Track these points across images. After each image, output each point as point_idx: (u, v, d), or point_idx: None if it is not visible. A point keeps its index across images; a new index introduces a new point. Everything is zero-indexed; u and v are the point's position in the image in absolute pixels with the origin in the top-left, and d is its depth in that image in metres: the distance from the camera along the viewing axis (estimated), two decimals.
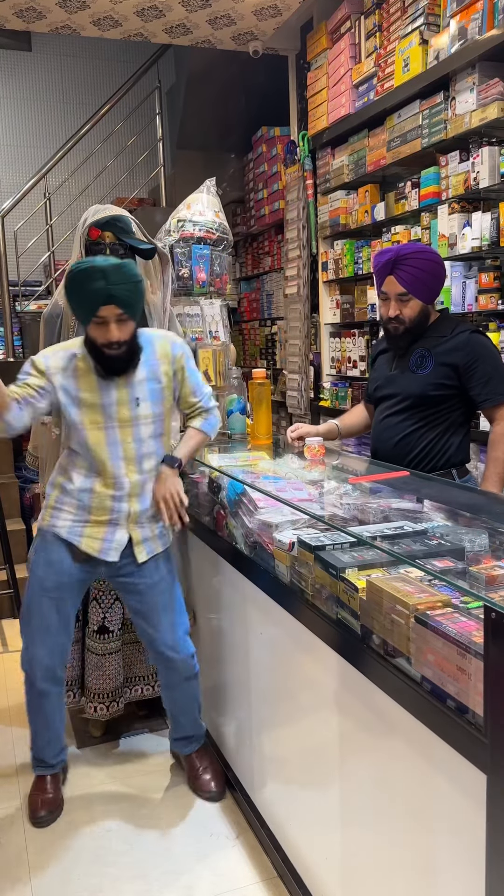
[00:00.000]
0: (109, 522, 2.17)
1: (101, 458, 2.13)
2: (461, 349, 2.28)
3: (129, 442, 2.14)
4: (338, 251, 4.18)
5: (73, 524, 2.18)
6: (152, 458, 2.19)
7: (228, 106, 5.73)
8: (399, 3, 3.35)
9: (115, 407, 2.12)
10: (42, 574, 2.20)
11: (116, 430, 2.13)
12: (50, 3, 3.96)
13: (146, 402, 2.16)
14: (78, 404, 2.12)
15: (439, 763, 1.26)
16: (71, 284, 2.03)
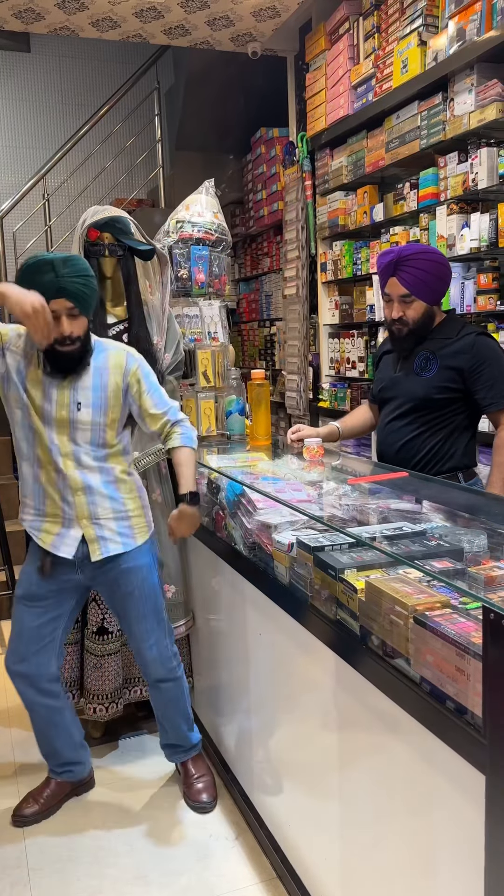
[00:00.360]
0: (62, 517, 2.13)
1: (42, 448, 2.09)
2: (466, 352, 2.25)
3: (65, 443, 2.09)
4: (336, 252, 4.18)
5: (34, 519, 2.17)
6: (91, 460, 2.12)
7: (227, 107, 5.73)
8: (397, 5, 3.36)
9: (55, 407, 2.07)
10: (20, 580, 2.22)
11: (53, 430, 2.08)
12: (49, 4, 3.97)
13: (87, 408, 2.08)
14: (24, 390, 2.08)
15: (438, 764, 1.26)
16: (21, 278, 1.97)
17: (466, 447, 2.36)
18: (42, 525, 2.15)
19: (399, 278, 2.27)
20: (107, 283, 2.58)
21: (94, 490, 2.12)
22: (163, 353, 2.65)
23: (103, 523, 2.14)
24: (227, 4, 4.03)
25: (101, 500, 2.13)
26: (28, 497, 2.17)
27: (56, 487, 2.11)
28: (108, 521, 2.15)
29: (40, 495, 2.14)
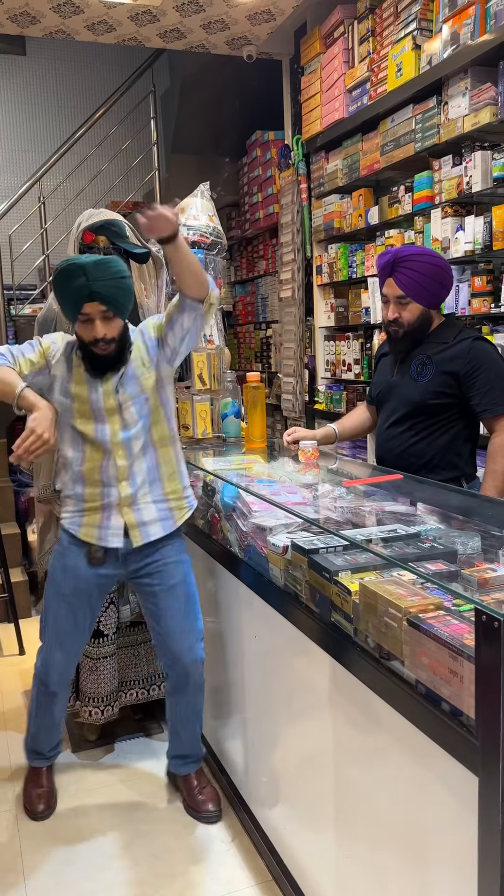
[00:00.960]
0: (103, 508, 2.17)
1: (90, 443, 2.15)
2: (462, 357, 2.23)
3: (116, 431, 2.14)
4: (332, 255, 4.19)
5: (73, 514, 2.20)
6: (140, 439, 2.16)
7: (223, 110, 5.74)
8: (392, 9, 3.37)
9: (102, 398, 2.13)
10: (59, 579, 2.22)
11: (105, 418, 2.13)
12: (44, 7, 3.97)
13: (122, 386, 2.13)
14: (68, 394, 2.14)
15: (432, 766, 1.26)
16: (55, 283, 2.03)
17: (469, 456, 2.35)
18: (82, 519, 2.19)
19: (396, 279, 2.27)
20: None
21: (136, 477, 2.16)
22: None
23: (143, 507, 2.17)
24: (222, 8, 4.04)
25: (143, 487, 2.17)
26: (68, 497, 2.21)
27: (101, 477, 2.15)
28: (147, 506, 2.18)
29: (81, 491, 2.17)
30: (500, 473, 2.21)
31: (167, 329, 2.16)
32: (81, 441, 2.16)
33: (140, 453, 2.17)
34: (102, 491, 2.16)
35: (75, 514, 2.20)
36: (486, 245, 2.86)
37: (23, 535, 4.40)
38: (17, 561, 4.27)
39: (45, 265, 5.86)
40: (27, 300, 5.67)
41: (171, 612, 2.23)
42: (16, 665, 3.50)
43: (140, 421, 2.16)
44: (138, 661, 2.75)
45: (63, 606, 2.23)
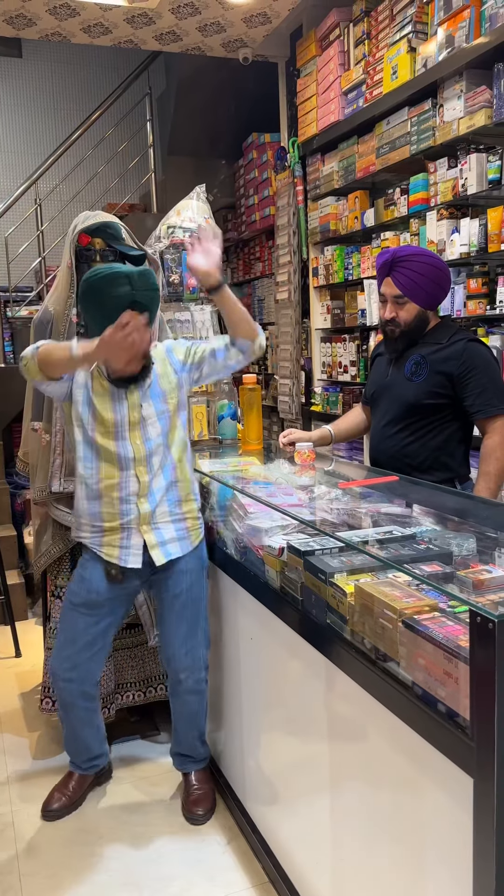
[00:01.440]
0: (122, 528, 2.17)
1: (110, 459, 2.14)
2: (456, 358, 2.24)
3: (138, 444, 2.14)
4: (328, 257, 4.19)
5: (93, 534, 2.19)
6: (159, 455, 2.17)
7: (218, 112, 5.74)
8: (387, 12, 3.38)
9: (127, 411, 2.14)
10: (74, 588, 2.23)
11: (126, 433, 2.14)
12: (40, 10, 3.98)
13: (148, 400, 2.15)
14: (90, 407, 2.13)
15: (427, 767, 1.26)
16: (91, 290, 2.01)
17: (462, 457, 2.35)
18: (102, 539, 2.18)
19: (393, 279, 2.28)
20: None
21: (154, 494, 2.17)
22: None
23: (161, 527, 2.19)
24: (218, 10, 4.05)
25: (161, 505, 2.18)
26: (83, 516, 2.20)
27: (120, 495, 2.14)
28: (166, 525, 2.20)
29: (98, 509, 2.16)
30: (494, 475, 2.21)
31: (208, 359, 2.21)
32: (98, 457, 2.14)
33: (160, 470, 2.18)
34: (121, 509, 2.16)
35: (95, 535, 2.19)
36: (481, 247, 2.87)
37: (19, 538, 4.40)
38: (14, 563, 4.27)
39: (41, 267, 5.85)
40: (23, 302, 5.67)
41: (171, 617, 2.26)
42: (12, 668, 3.50)
43: (162, 437, 2.18)
44: (135, 664, 2.75)
45: (75, 615, 2.23)
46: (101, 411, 2.12)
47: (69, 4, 3.91)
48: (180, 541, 2.22)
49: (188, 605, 2.24)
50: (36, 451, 2.60)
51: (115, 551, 2.17)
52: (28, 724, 2.92)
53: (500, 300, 2.84)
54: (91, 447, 2.14)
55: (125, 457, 2.13)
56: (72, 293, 2.49)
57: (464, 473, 2.36)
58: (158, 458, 2.17)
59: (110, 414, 2.12)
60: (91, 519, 2.18)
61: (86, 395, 2.13)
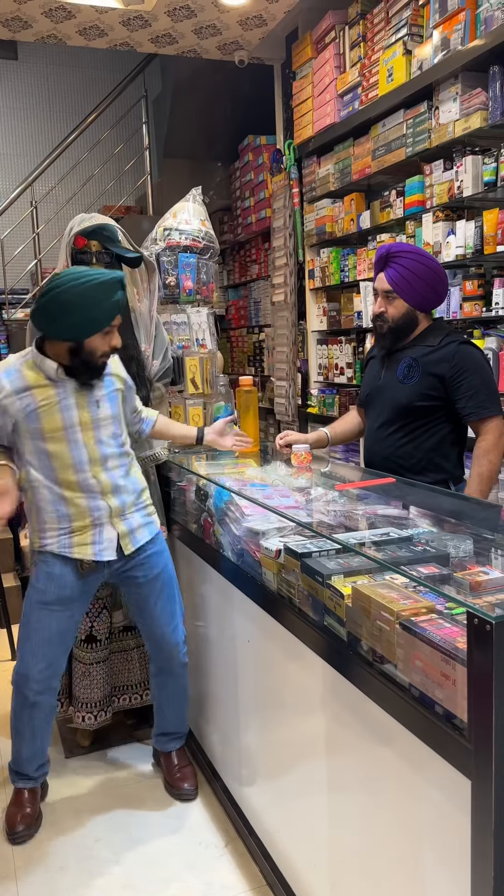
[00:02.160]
0: (93, 525, 2.17)
1: (65, 464, 2.12)
2: (448, 360, 2.24)
3: (91, 445, 2.14)
4: (324, 259, 4.20)
5: (60, 538, 2.17)
6: (115, 457, 2.19)
7: (214, 115, 5.75)
8: (383, 14, 3.38)
9: (76, 411, 2.12)
10: (42, 587, 2.19)
11: (78, 434, 2.12)
12: (36, 12, 3.98)
13: (105, 403, 2.17)
14: (36, 418, 2.10)
15: (425, 769, 1.26)
16: (86, 298, 1.99)
17: (456, 459, 2.35)
18: (72, 540, 2.17)
19: (386, 274, 2.31)
20: None
21: (120, 487, 2.20)
22: (151, 360, 2.66)
23: (129, 516, 2.23)
24: (213, 13, 4.05)
25: (126, 496, 2.22)
26: (48, 522, 2.17)
27: (85, 496, 2.15)
28: (132, 514, 2.24)
29: (65, 513, 2.15)
30: (486, 476, 2.22)
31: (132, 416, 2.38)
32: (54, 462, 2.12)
33: (116, 468, 2.20)
34: (90, 506, 2.15)
35: (62, 536, 2.16)
36: (477, 249, 2.87)
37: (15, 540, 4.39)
38: (10, 566, 4.26)
39: (37, 269, 5.85)
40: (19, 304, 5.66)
41: (153, 599, 2.31)
42: (7, 670, 3.48)
43: (113, 438, 2.20)
44: (131, 667, 2.74)
45: (45, 615, 2.19)
46: (52, 419, 2.10)
47: (65, 7, 3.91)
48: (146, 526, 2.27)
49: (167, 582, 2.32)
50: None
51: (89, 549, 2.17)
52: None
53: (496, 302, 2.85)
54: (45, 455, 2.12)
55: (83, 457, 2.14)
56: None
57: (458, 475, 2.36)
58: (115, 457, 2.20)
59: (59, 421, 2.11)
60: (58, 522, 2.16)
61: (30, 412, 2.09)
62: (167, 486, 2.76)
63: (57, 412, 2.10)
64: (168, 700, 2.42)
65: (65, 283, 1.98)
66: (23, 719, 2.26)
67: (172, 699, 2.42)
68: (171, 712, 2.44)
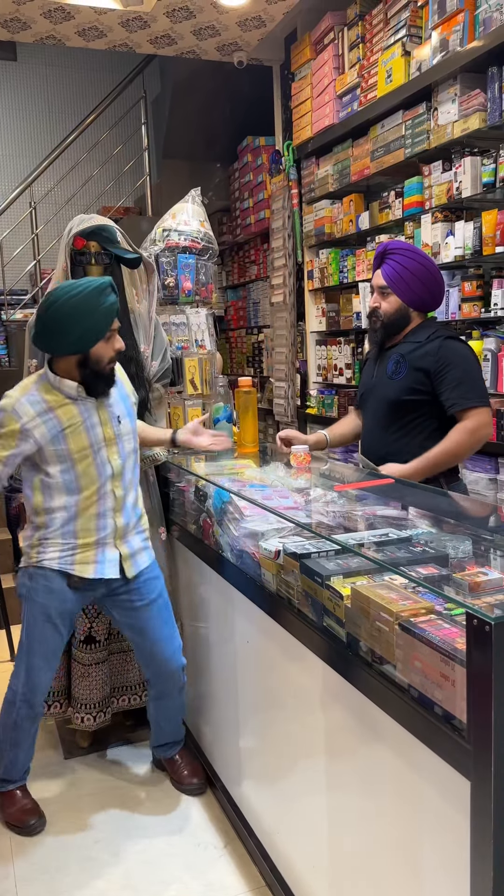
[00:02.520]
0: (97, 543, 2.18)
1: (89, 480, 2.14)
2: (433, 354, 2.27)
3: (115, 460, 2.18)
4: (323, 260, 4.20)
5: (62, 554, 2.17)
6: (130, 470, 2.24)
7: (213, 115, 5.75)
8: (382, 15, 3.39)
9: (100, 428, 2.15)
10: (44, 601, 2.20)
11: (104, 450, 2.15)
12: (35, 13, 3.98)
13: (126, 418, 2.22)
14: (63, 439, 2.10)
15: (424, 770, 1.26)
16: (81, 308, 1.99)
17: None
18: (74, 557, 2.18)
19: (382, 270, 2.35)
20: None
21: (128, 508, 2.23)
22: (150, 361, 2.66)
23: (130, 538, 2.25)
24: (212, 14, 4.05)
25: (131, 518, 2.24)
26: (51, 538, 2.17)
27: (97, 512, 2.16)
28: (133, 536, 2.27)
29: (71, 529, 2.16)
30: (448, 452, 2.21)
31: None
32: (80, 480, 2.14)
33: (130, 484, 2.24)
34: (97, 524, 2.17)
35: (65, 553, 2.17)
36: (476, 250, 2.88)
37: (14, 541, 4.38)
38: (9, 566, 4.25)
39: (36, 270, 5.85)
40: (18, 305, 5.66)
41: (153, 624, 2.30)
42: (6, 671, 3.47)
43: (133, 453, 2.24)
44: (130, 668, 2.74)
45: (49, 628, 2.22)
46: (78, 439, 2.11)
47: (64, 8, 3.91)
48: (145, 550, 2.31)
49: (164, 606, 2.33)
50: None
51: (91, 567, 2.18)
52: None
53: (494, 303, 2.85)
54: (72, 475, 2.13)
55: (103, 472, 2.16)
56: None
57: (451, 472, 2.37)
58: (130, 473, 2.24)
59: (85, 438, 2.12)
60: (62, 538, 2.16)
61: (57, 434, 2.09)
62: (166, 486, 2.77)
63: (82, 431, 2.12)
64: (167, 719, 2.44)
65: (58, 298, 2.00)
66: (24, 730, 2.29)
67: (172, 717, 2.45)
68: (169, 728, 2.46)
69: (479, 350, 2.87)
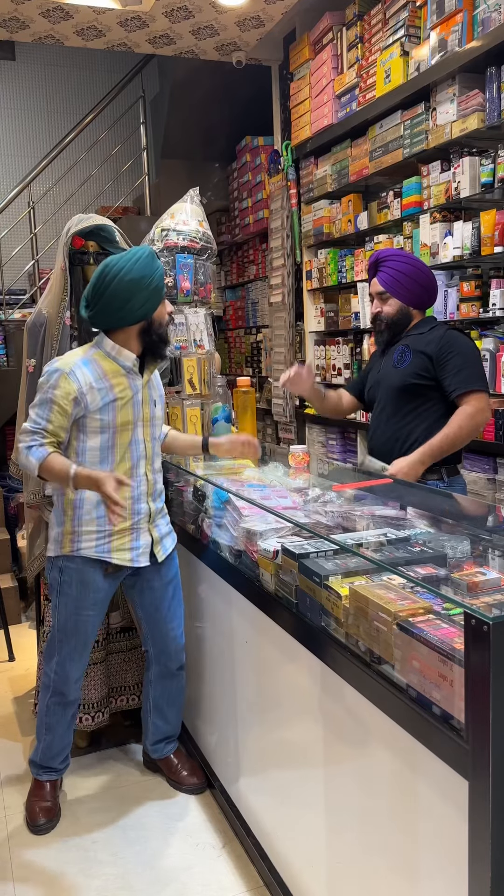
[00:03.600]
0: (131, 529, 2.21)
1: (125, 457, 2.17)
2: (436, 342, 2.36)
3: (148, 441, 2.22)
4: (322, 260, 4.20)
5: (99, 542, 2.18)
6: (158, 456, 2.28)
7: (212, 115, 5.75)
8: (380, 15, 3.39)
9: (142, 406, 2.19)
10: (78, 595, 2.21)
11: (140, 429, 2.19)
12: (33, 13, 3.97)
13: (160, 403, 2.28)
14: (111, 409, 2.13)
15: (422, 769, 1.26)
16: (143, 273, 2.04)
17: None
18: (111, 544, 2.19)
19: (378, 277, 2.47)
20: None
21: (157, 490, 2.28)
22: None
23: (158, 522, 2.28)
24: (211, 14, 4.05)
25: (159, 501, 2.31)
26: (86, 525, 2.17)
27: (133, 496, 2.19)
28: (160, 520, 2.31)
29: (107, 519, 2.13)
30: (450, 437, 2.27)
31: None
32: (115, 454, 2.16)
33: (158, 470, 2.29)
34: (132, 508, 2.20)
35: (102, 541, 2.18)
36: (474, 250, 2.88)
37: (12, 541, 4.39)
38: (7, 567, 4.25)
39: (34, 270, 5.84)
40: (17, 305, 5.66)
41: (167, 602, 2.35)
42: (6, 672, 3.48)
43: (159, 440, 2.30)
44: (129, 668, 2.74)
45: (83, 619, 2.24)
46: (127, 411, 2.15)
47: (62, 7, 3.91)
48: (170, 534, 2.37)
49: (178, 586, 2.39)
50: None
51: (127, 554, 2.21)
52: (21, 729, 2.91)
53: (493, 303, 2.85)
54: (109, 450, 2.15)
55: (141, 453, 2.20)
56: (65, 296, 2.48)
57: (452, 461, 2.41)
58: (159, 461, 2.29)
59: (131, 412, 2.16)
60: (97, 524, 2.17)
61: (104, 404, 2.11)
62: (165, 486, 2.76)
63: (130, 406, 2.16)
64: (169, 702, 2.44)
65: (117, 272, 2.03)
66: (57, 715, 2.32)
67: (174, 700, 2.45)
68: (171, 713, 2.46)
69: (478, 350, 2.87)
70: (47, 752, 2.35)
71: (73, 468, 2.01)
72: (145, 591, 2.33)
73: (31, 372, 2.54)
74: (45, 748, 2.35)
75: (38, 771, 2.38)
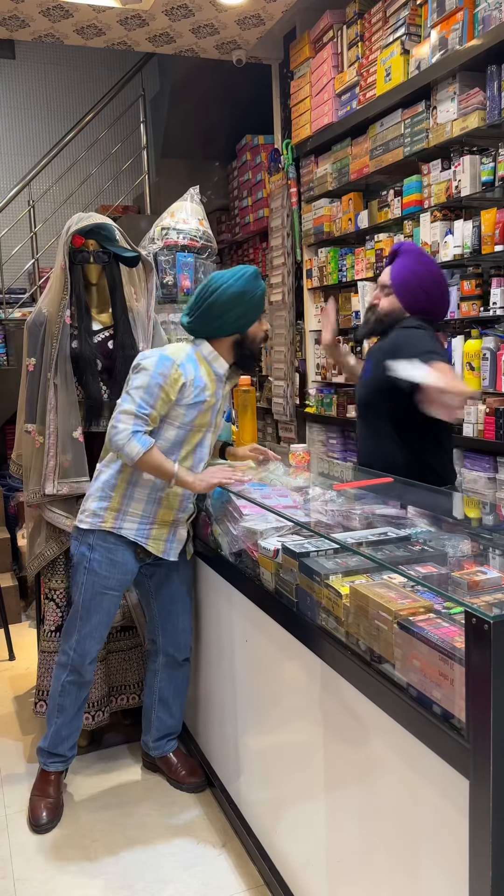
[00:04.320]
0: (172, 523, 2.27)
1: (189, 455, 2.21)
2: (386, 347, 2.29)
3: (209, 446, 2.28)
4: (322, 259, 4.20)
5: (140, 527, 2.23)
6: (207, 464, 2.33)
7: (212, 114, 5.74)
8: (381, 14, 3.38)
9: (216, 414, 2.26)
10: (106, 574, 2.25)
11: (209, 434, 2.25)
12: (33, 11, 3.97)
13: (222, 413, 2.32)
14: (196, 409, 2.17)
15: (423, 768, 1.26)
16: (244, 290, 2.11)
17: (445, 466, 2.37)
18: (151, 532, 2.25)
19: (391, 267, 2.36)
20: (92, 290, 2.58)
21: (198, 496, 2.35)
22: None
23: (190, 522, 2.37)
24: (211, 12, 4.05)
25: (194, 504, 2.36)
26: (133, 508, 2.22)
27: (185, 494, 2.24)
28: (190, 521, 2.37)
29: (157, 506, 2.23)
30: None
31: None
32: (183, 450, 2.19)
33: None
34: (181, 505, 2.26)
35: (143, 528, 2.24)
36: (474, 249, 2.87)
37: (13, 540, 4.39)
38: (7, 566, 4.25)
39: (34, 269, 5.84)
40: (17, 304, 5.65)
41: (182, 597, 2.41)
42: (6, 671, 3.48)
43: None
44: (129, 666, 2.74)
45: (106, 599, 2.27)
46: (204, 414, 2.20)
47: (62, 6, 3.90)
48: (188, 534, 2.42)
49: (186, 580, 2.44)
50: (29, 453, 2.59)
51: (161, 545, 2.27)
52: (22, 728, 2.91)
53: (493, 302, 2.85)
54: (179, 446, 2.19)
55: (203, 457, 2.25)
56: (65, 294, 2.48)
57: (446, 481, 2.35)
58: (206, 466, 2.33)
59: (208, 417, 2.22)
60: (144, 513, 2.23)
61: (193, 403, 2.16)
62: None
63: (210, 411, 2.21)
64: (175, 692, 2.46)
65: (221, 285, 2.11)
66: (71, 696, 2.34)
67: (180, 692, 2.47)
68: (176, 707, 2.48)
69: (478, 349, 2.87)
70: (56, 737, 2.36)
71: (176, 466, 2.12)
72: (164, 583, 2.38)
73: (31, 371, 2.54)
74: (55, 732, 2.36)
75: (46, 760, 2.38)
